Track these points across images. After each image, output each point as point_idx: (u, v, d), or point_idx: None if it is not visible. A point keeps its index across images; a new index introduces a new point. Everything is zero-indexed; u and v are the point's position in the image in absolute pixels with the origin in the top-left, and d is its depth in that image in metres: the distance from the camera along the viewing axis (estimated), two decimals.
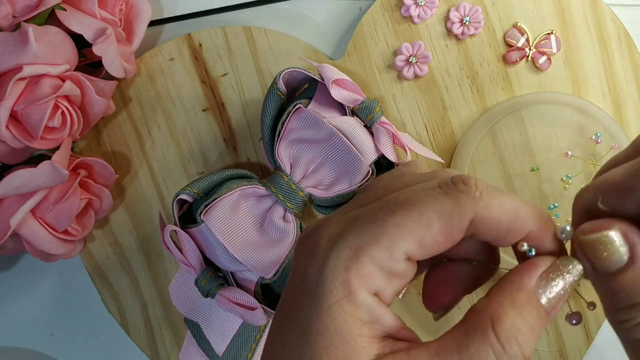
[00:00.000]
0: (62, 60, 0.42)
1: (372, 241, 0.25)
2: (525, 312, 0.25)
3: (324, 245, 0.26)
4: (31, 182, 0.42)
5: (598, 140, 0.48)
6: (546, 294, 0.25)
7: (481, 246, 0.29)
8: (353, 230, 0.26)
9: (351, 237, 0.26)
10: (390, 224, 0.25)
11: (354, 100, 0.44)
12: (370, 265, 0.25)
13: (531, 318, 0.25)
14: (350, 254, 0.25)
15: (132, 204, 0.50)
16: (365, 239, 0.25)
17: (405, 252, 0.25)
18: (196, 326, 0.47)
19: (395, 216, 0.25)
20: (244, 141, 0.50)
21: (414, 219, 0.25)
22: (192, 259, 0.43)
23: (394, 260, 0.25)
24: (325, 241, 0.26)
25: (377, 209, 0.26)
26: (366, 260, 0.25)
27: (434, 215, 0.25)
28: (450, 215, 0.25)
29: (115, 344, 0.52)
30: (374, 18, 0.50)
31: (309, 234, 0.28)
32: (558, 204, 0.49)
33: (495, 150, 0.49)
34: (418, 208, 0.25)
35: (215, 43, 0.50)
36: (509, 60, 0.50)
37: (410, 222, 0.25)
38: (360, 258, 0.25)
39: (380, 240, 0.25)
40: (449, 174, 0.28)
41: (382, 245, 0.25)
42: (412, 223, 0.25)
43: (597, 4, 0.50)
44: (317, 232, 0.27)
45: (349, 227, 0.26)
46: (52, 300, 0.53)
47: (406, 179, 0.29)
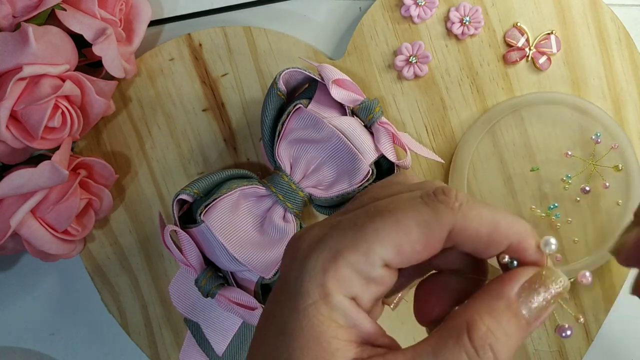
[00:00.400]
0: (62, 60, 0.42)
1: (350, 245, 0.26)
2: (503, 319, 0.25)
3: (304, 248, 0.27)
4: (31, 182, 0.42)
5: (598, 140, 0.48)
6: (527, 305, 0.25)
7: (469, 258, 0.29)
8: (333, 235, 0.26)
9: (330, 240, 0.26)
10: (368, 229, 0.26)
11: (354, 100, 0.44)
12: (347, 269, 0.26)
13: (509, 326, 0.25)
14: (329, 256, 0.26)
15: (132, 204, 0.50)
16: (343, 243, 0.26)
17: (382, 258, 0.26)
18: (196, 326, 0.47)
19: (374, 222, 0.26)
20: (244, 141, 0.50)
21: (391, 226, 0.26)
22: (192, 259, 0.43)
23: (371, 265, 0.26)
24: (307, 244, 0.27)
25: (359, 215, 0.27)
26: (343, 263, 0.25)
27: (412, 222, 0.26)
28: (428, 224, 0.26)
29: (115, 344, 0.52)
30: (374, 18, 0.50)
31: (295, 238, 0.28)
32: (558, 204, 0.49)
33: (495, 150, 0.49)
34: (396, 215, 0.26)
35: (215, 43, 0.50)
36: (509, 60, 0.50)
37: (388, 229, 0.26)
38: (337, 261, 0.25)
39: (357, 244, 0.26)
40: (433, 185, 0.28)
41: (359, 250, 0.25)
42: (390, 230, 0.26)
43: (597, 4, 0.50)
44: (300, 237, 0.28)
45: (329, 232, 0.27)
46: (52, 300, 0.53)
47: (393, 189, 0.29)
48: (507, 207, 0.49)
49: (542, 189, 0.49)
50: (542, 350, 0.50)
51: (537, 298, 0.25)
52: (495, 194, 0.50)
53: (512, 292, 0.25)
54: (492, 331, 0.24)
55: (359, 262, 0.26)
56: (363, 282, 0.26)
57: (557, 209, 0.49)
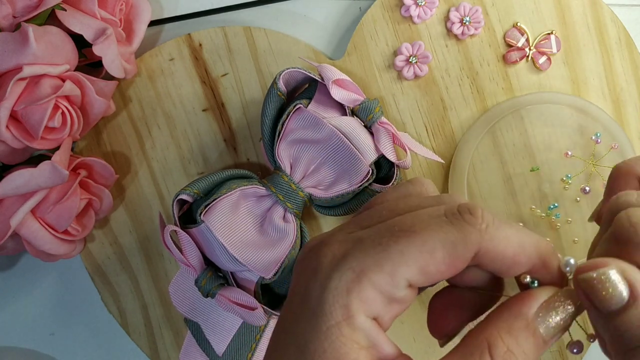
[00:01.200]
0: (62, 60, 0.42)
1: (375, 266, 0.25)
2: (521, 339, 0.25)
3: (326, 265, 0.26)
4: (31, 182, 0.42)
5: (598, 140, 0.48)
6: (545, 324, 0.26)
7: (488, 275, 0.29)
8: (356, 253, 0.26)
9: (354, 260, 0.26)
10: (393, 250, 0.26)
11: (354, 100, 0.44)
12: (372, 290, 0.25)
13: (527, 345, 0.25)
14: (353, 276, 0.25)
15: (132, 204, 0.50)
16: (368, 264, 0.26)
17: (407, 279, 0.26)
18: (196, 326, 0.47)
19: (399, 243, 0.26)
20: (244, 141, 0.50)
21: (417, 247, 0.25)
22: (192, 259, 0.43)
23: (396, 286, 0.26)
24: (328, 260, 0.26)
25: (381, 233, 0.26)
26: (368, 284, 0.25)
27: (438, 244, 0.25)
28: (455, 245, 0.25)
29: (115, 344, 0.52)
30: (374, 18, 0.50)
31: (312, 249, 0.28)
32: (558, 204, 0.49)
33: (495, 150, 0.49)
34: (422, 236, 0.26)
35: (215, 43, 0.50)
36: (509, 60, 0.50)
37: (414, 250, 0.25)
38: (362, 282, 0.25)
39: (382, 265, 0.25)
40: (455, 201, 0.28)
41: (384, 271, 0.25)
42: (416, 250, 0.25)
43: (597, 4, 0.50)
44: (320, 250, 0.27)
45: (352, 249, 0.26)
46: (52, 300, 0.53)
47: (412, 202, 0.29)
48: (507, 207, 0.49)
49: (542, 189, 0.49)
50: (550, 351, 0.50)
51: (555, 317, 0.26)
52: (495, 194, 0.50)
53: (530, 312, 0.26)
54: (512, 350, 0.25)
55: (384, 283, 0.25)
56: (386, 302, 0.26)
57: (557, 209, 0.49)
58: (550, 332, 0.26)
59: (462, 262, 0.26)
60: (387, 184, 0.44)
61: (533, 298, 0.26)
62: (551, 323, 0.26)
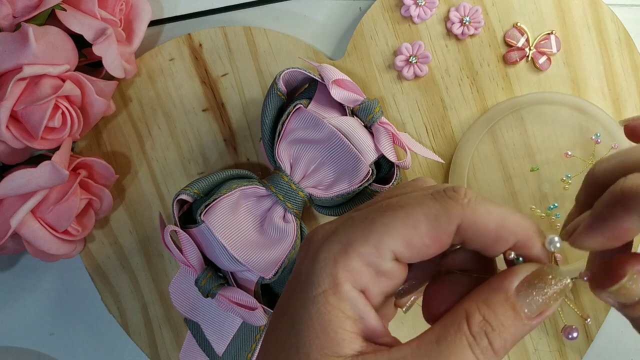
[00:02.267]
0: (62, 60, 0.42)
1: (360, 238, 0.27)
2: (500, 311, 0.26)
3: (317, 240, 0.28)
4: (31, 182, 0.42)
5: (598, 141, 0.48)
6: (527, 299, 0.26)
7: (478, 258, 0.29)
8: (344, 228, 0.27)
9: (342, 233, 0.27)
10: (378, 223, 0.27)
11: (354, 100, 0.44)
12: (358, 261, 0.26)
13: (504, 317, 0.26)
14: (340, 248, 0.27)
15: (132, 204, 0.50)
16: (354, 236, 0.27)
17: (392, 251, 0.26)
18: (196, 326, 0.47)
19: (385, 216, 0.27)
20: (244, 141, 0.50)
21: (401, 219, 0.26)
22: (192, 259, 0.44)
23: (381, 257, 0.26)
24: (320, 237, 0.28)
25: (370, 210, 0.28)
26: (354, 255, 0.26)
27: (421, 216, 0.26)
28: (437, 218, 0.26)
29: (115, 344, 0.52)
30: (374, 18, 0.50)
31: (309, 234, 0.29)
32: (558, 204, 0.49)
33: (495, 150, 0.49)
34: (406, 210, 0.27)
35: (215, 43, 0.50)
36: (509, 60, 0.50)
37: (398, 222, 0.26)
38: (348, 253, 0.26)
39: (368, 237, 0.26)
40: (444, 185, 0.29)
41: (369, 242, 0.26)
42: (400, 223, 0.26)
43: (597, 4, 0.50)
44: (315, 232, 0.29)
45: (341, 225, 0.28)
46: (52, 300, 0.53)
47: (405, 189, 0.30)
48: None
49: (542, 189, 0.49)
50: (542, 350, 0.50)
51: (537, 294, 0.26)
52: (495, 194, 0.50)
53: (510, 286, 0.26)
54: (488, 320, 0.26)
55: (370, 254, 0.26)
56: (373, 274, 0.27)
57: (557, 209, 0.49)
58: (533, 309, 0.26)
59: (446, 235, 0.27)
60: (387, 184, 0.44)
61: (514, 273, 0.27)
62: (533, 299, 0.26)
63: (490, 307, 0.26)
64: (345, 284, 0.26)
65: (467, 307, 0.26)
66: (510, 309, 0.26)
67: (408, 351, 0.26)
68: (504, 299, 0.26)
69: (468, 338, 0.25)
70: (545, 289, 0.26)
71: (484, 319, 0.26)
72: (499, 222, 0.27)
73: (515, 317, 0.26)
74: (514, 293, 0.26)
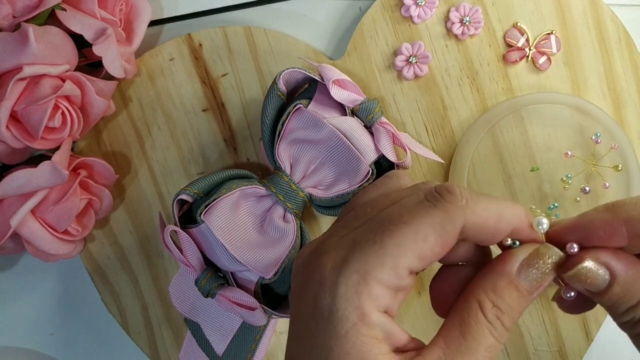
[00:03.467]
0: (62, 60, 0.42)
1: (377, 264, 0.27)
2: (506, 294, 0.28)
3: (329, 273, 0.28)
4: (31, 182, 0.42)
5: (598, 141, 0.48)
6: (527, 278, 0.29)
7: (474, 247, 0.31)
8: (356, 256, 0.27)
9: (355, 262, 0.27)
10: (390, 245, 0.27)
11: (353, 100, 0.44)
12: (379, 287, 0.27)
13: (511, 299, 0.28)
14: (358, 279, 0.27)
15: (132, 204, 0.50)
16: (370, 263, 0.27)
17: (408, 268, 0.27)
18: (196, 326, 0.47)
19: (394, 236, 0.27)
20: (244, 141, 0.50)
21: (411, 236, 0.27)
22: (192, 259, 0.43)
23: (400, 277, 0.27)
24: (330, 268, 0.28)
25: (374, 230, 0.28)
26: (374, 283, 0.27)
27: (429, 229, 0.27)
28: (443, 226, 0.27)
29: (115, 344, 0.52)
30: (374, 18, 0.50)
31: (309, 260, 0.29)
32: (558, 204, 0.49)
33: (495, 150, 0.49)
34: (413, 225, 0.27)
35: (215, 43, 0.50)
36: (509, 60, 0.50)
37: (409, 240, 0.27)
38: (368, 282, 0.27)
39: (384, 262, 0.27)
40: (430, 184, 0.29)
41: (387, 266, 0.27)
42: (410, 240, 0.27)
43: (597, 4, 0.50)
44: (319, 260, 0.29)
45: (351, 253, 0.28)
46: (52, 300, 0.53)
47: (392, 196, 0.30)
48: None
49: (542, 189, 0.49)
50: (542, 350, 0.50)
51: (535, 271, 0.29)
52: (495, 194, 0.50)
53: (512, 269, 0.29)
54: (498, 306, 0.28)
55: (389, 277, 0.27)
56: (393, 293, 0.28)
57: (557, 209, 0.49)
58: (533, 284, 0.29)
59: (452, 239, 0.28)
60: None
61: (514, 257, 0.29)
62: (532, 276, 0.29)
63: (497, 293, 0.28)
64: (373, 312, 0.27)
65: (478, 297, 0.28)
66: (514, 290, 0.28)
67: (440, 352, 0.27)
68: (508, 282, 0.28)
69: (487, 325, 0.28)
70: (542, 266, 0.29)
71: (494, 306, 0.28)
72: (497, 216, 0.28)
73: (519, 296, 0.28)
74: (515, 275, 0.29)
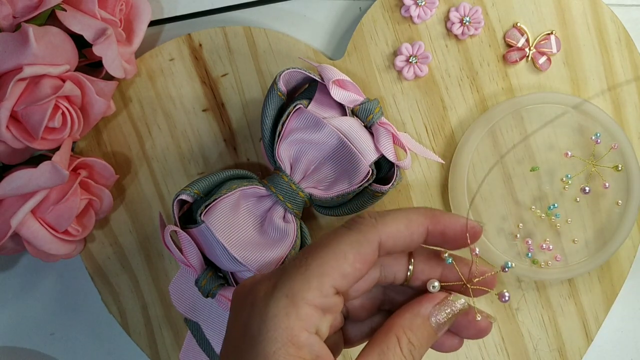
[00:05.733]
0: (62, 60, 0.42)
1: (304, 285, 0.29)
2: (419, 332, 0.32)
3: (261, 298, 0.30)
4: (31, 182, 0.42)
5: (598, 141, 0.48)
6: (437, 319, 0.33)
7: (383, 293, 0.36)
8: (284, 280, 0.30)
9: (284, 286, 0.30)
10: (314, 266, 0.30)
11: (353, 100, 0.44)
12: (307, 307, 0.29)
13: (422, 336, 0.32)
14: (287, 301, 0.29)
15: (132, 204, 0.50)
16: (297, 285, 0.29)
17: (333, 286, 0.30)
18: (196, 326, 0.47)
19: (316, 258, 0.30)
20: (244, 141, 0.50)
21: (331, 256, 0.30)
22: (192, 259, 0.44)
23: (326, 296, 0.30)
24: (262, 294, 0.30)
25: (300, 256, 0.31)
26: (302, 304, 0.29)
27: (346, 246, 0.30)
28: (360, 243, 0.31)
29: (115, 344, 0.53)
30: (374, 18, 0.50)
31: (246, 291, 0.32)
32: (558, 204, 0.49)
33: (495, 150, 0.49)
34: (330, 246, 0.30)
35: (215, 43, 0.50)
36: (509, 60, 0.50)
37: (330, 259, 0.30)
38: (297, 303, 0.29)
39: (310, 282, 0.29)
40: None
41: (312, 287, 0.29)
42: (331, 259, 0.30)
43: (597, 4, 0.50)
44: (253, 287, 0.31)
45: (280, 279, 0.30)
46: (52, 300, 0.53)
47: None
48: (507, 207, 0.49)
49: (542, 189, 0.49)
50: (542, 350, 0.50)
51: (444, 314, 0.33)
52: (495, 194, 0.50)
53: (426, 311, 0.33)
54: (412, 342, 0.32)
55: (315, 298, 0.29)
56: (321, 314, 0.30)
57: (557, 209, 0.49)
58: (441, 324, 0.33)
59: (371, 255, 0.31)
60: (387, 184, 0.44)
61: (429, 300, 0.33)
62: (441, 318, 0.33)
63: (413, 330, 0.32)
64: (301, 333, 0.29)
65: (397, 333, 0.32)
66: (426, 330, 0.32)
67: None
68: (422, 322, 0.32)
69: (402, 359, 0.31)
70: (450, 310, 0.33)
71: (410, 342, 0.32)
72: (406, 221, 0.32)
73: (429, 334, 0.33)
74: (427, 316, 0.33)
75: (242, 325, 0.30)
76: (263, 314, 0.29)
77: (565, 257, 0.49)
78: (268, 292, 0.30)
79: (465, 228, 0.33)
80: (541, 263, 0.49)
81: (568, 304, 0.50)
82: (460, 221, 0.33)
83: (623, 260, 0.50)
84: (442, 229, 0.33)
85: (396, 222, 0.32)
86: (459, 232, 0.33)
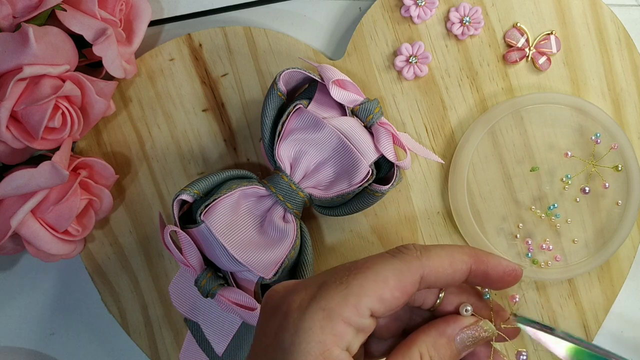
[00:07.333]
0: (62, 60, 0.42)
1: (342, 302, 0.30)
2: (442, 351, 0.33)
3: (296, 308, 0.30)
4: (31, 182, 0.42)
5: (598, 141, 0.48)
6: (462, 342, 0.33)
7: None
8: (323, 294, 0.30)
9: (322, 300, 0.30)
10: (354, 285, 0.30)
11: (353, 100, 0.44)
12: (342, 324, 0.29)
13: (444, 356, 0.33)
14: (324, 315, 0.29)
15: (132, 204, 0.50)
16: (335, 301, 0.30)
17: (369, 308, 0.30)
18: (196, 326, 0.47)
19: (357, 278, 0.30)
20: (244, 141, 0.50)
21: (372, 278, 0.30)
22: (192, 259, 0.44)
23: (361, 316, 0.30)
24: (297, 305, 0.30)
25: (340, 273, 0.31)
26: (338, 320, 0.29)
27: (389, 272, 0.31)
28: (402, 271, 0.31)
29: (115, 344, 0.53)
30: (374, 18, 0.50)
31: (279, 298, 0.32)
32: (558, 204, 0.49)
33: (495, 150, 0.50)
34: (374, 269, 0.31)
35: (215, 43, 0.50)
36: (509, 61, 0.50)
37: (371, 281, 0.30)
38: (333, 319, 0.29)
39: (348, 300, 0.30)
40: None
41: (350, 305, 0.30)
42: (372, 281, 0.30)
43: (597, 4, 0.50)
44: (288, 297, 0.31)
45: (318, 292, 0.30)
46: (52, 300, 0.53)
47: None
48: (507, 207, 0.49)
49: (542, 189, 0.49)
50: (542, 350, 0.50)
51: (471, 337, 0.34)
52: (495, 194, 0.50)
53: (453, 333, 0.33)
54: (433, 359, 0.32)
55: (352, 316, 0.30)
56: (355, 332, 0.30)
57: (556, 209, 0.49)
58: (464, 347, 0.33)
59: (411, 285, 0.31)
60: (387, 184, 0.44)
61: (458, 322, 0.34)
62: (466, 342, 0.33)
63: (436, 348, 0.33)
64: (334, 348, 0.29)
65: (419, 348, 0.32)
66: (449, 350, 0.33)
67: None
68: (446, 342, 0.33)
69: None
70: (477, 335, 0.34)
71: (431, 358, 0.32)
72: (450, 258, 0.32)
73: (452, 355, 0.33)
74: (453, 337, 0.33)
75: (273, 333, 0.30)
76: (297, 325, 0.29)
77: (565, 257, 0.49)
78: (304, 304, 0.30)
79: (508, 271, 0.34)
80: (541, 263, 0.49)
81: (568, 304, 0.50)
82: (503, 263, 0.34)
83: (623, 260, 0.50)
84: (485, 270, 0.33)
85: (440, 258, 0.32)
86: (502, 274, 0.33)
